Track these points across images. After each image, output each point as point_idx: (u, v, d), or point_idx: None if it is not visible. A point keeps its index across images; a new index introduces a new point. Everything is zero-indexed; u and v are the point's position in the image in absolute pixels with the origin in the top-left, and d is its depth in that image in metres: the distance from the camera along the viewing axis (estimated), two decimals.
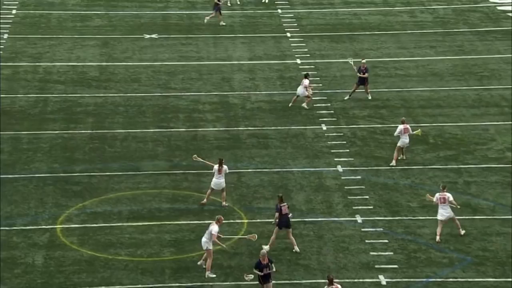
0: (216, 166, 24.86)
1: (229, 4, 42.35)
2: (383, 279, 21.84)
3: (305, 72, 32.44)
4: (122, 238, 23.89)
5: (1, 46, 37.06)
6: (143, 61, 36.28)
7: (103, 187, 26.41)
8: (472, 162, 27.68)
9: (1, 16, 40.18)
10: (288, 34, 38.92)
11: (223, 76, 35.09)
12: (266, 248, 22.38)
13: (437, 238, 23.14)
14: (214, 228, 21.78)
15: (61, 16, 41.04)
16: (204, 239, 21.99)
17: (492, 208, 24.91)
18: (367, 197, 25.74)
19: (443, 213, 23.13)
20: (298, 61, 36.28)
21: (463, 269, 22.08)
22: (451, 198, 23.18)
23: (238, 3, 42.42)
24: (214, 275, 22.02)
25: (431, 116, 31.20)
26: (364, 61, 32.45)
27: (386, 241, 23.48)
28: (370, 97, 32.14)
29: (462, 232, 23.48)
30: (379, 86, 33.50)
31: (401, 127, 27.27)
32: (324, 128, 30.47)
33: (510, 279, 21.56)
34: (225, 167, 24.86)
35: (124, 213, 25.10)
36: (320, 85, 33.79)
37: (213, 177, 24.94)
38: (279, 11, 41.64)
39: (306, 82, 31.56)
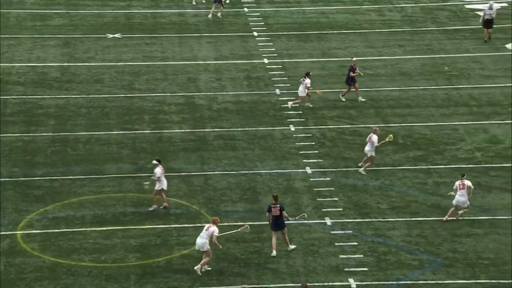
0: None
1: (194, 3, 42.26)
2: (353, 282, 21.94)
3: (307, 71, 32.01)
4: (86, 243, 23.70)
5: None
6: (106, 62, 36.05)
7: (65, 191, 26.18)
8: (442, 163, 27.92)
9: None
10: (255, 33, 38.94)
11: (188, 76, 34.99)
12: (274, 253, 22.76)
13: (445, 218, 24.03)
14: (215, 229, 22.09)
15: (20, 15, 40.62)
16: (202, 240, 22.16)
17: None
18: (337, 199, 25.84)
19: (460, 199, 23.92)
20: (266, 60, 36.31)
21: (433, 271, 22.26)
22: (470, 184, 24.12)
23: (204, 2, 42.35)
24: (209, 268, 22.22)
25: (400, 116, 31.42)
26: (354, 59, 32.49)
27: (356, 243, 23.60)
28: (343, 99, 32.14)
29: (461, 212, 24.22)
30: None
31: (371, 136, 26.96)
32: (293, 129, 30.53)
33: (480, 281, 21.78)
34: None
35: (87, 218, 24.91)
36: (288, 84, 33.86)
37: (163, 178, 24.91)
38: (246, 9, 41.65)
39: (307, 81, 31.40)
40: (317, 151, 28.83)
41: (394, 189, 26.29)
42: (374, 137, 26.81)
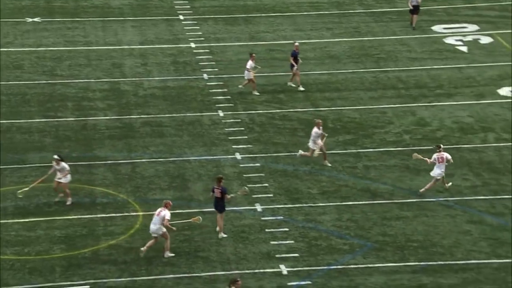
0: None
1: None
2: (284, 269, 22.09)
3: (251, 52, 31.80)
4: (8, 236, 23.22)
5: None
6: (25, 47, 35.27)
7: None
8: (371, 146, 28.32)
9: None
10: (181, 17, 38.65)
11: (113, 61, 34.53)
12: (220, 235, 22.99)
13: (421, 190, 24.76)
14: (167, 213, 22.09)
15: None
16: (155, 226, 22.15)
17: (391, 192, 25.58)
18: (267, 184, 25.94)
19: (438, 171, 24.68)
20: (192, 45, 36.11)
21: (364, 255, 22.60)
22: (449, 157, 24.78)
23: None
24: (173, 254, 22.15)
25: (330, 100, 31.70)
26: (297, 43, 32.50)
27: (287, 229, 23.76)
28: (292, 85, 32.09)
29: (448, 184, 24.84)
30: (277, 69, 33.75)
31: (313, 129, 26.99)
32: (221, 114, 30.48)
33: (409, 263, 22.22)
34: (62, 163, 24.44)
35: (9, 209, 24.40)
36: (216, 69, 33.76)
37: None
38: None
39: (248, 63, 31.15)
40: (246, 137, 28.86)
41: (324, 174, 26.54)
42: (314, 130, 26.72)
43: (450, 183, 25.14)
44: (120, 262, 22.24)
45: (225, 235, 23.30)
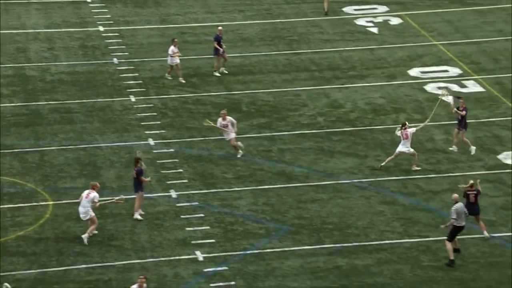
0: None
1: None
2: (200, 255, 22.13)
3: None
4: None
5: None
6: None
7: None
8: (285, 129, 28.56)
9: None
10: None
11: (17, 46, 33.72)
12: (136, 216, 22.98)
13: (382, 164, 25.47)
14: (96, 195, 22.10)
15: None
16: (84, 209, 22.09)
17: (306, 174, 25.90)
18: (181, 170, 25.88)
19: (404, 149, 25.46)
20: (101, 28, 35.57)
21: (280, 239, 22.83)
22: (414, 130, 25.61)
23: None
24: (87, 241, 22.04)
25: (243, 83, 31.79)
26: (220, 28, 32.25)
27: (202, 215, 23.78)
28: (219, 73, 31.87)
29: (417, 168, 25.40)
30: (189, 53, 33.59)
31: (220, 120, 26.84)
32: (133, 99, 30.19)
33: (325, 246, 22.57)
34: None
35: None
36: (126, 53, 33.37)
37: None
38: None
39: (170, 49, 30.73)
40: (159, 122, 28.69)
41: (239, 158, 26.64)
42: (219, 120, 26.48)
43: (419, 168, 25.53)
44: (29, 254, 21.84)
45: (140, 218, 23.16)
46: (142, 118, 28.86)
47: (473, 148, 26.42)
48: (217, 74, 31.84)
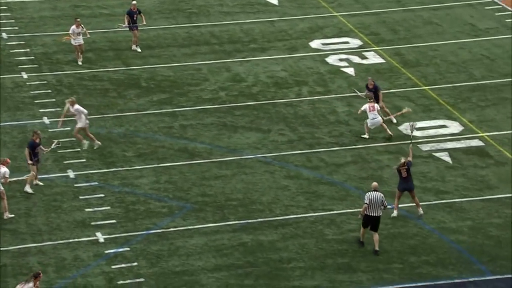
0: None
1: None
2: (100, 236, 21.87)
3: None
4: None
5: None
6: None
7: None
8: (187, 105, 28.43)
9: None
10: None
11: None
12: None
13: (366, 135, 26.09)
14: (6, 170, 22.04)
15: None
16: None
17: (209, 151, 25.88)
18: (79, 149, 25.45)
19: (374, 121, 25.99)
20: None
21: (183, 217, 22.79)
22: (381, 103, 26.53)
23: None
24: (13, 215, 21.73)
25: (142, 58, 31.42)
26: (134, 2, 31.54)
27: (102, 195, 23.49)
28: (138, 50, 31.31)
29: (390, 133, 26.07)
30: (84, 27, 32.93)
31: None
32: (25, 76, 29.45)
33: (229, 222, 22.65)
34: None
35: None
36: (16, 28, 32.45)
37: None
38: None
39: (71, 28, 29.68)
40: (54, 100, 28.10)
41: (139, 136, 26.39)
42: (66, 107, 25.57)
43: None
44: None
45: (30, 191, 23.05)
46: (35, 96, 28.21)
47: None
48: (138, 49, 31.32)
